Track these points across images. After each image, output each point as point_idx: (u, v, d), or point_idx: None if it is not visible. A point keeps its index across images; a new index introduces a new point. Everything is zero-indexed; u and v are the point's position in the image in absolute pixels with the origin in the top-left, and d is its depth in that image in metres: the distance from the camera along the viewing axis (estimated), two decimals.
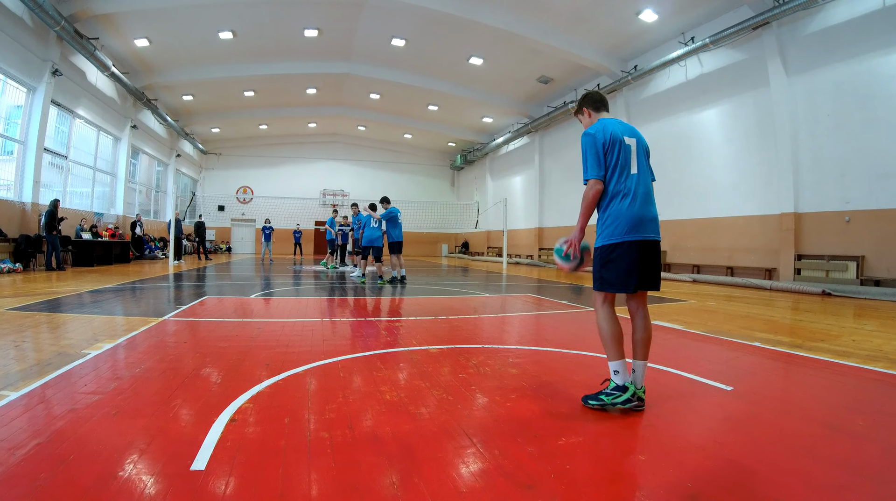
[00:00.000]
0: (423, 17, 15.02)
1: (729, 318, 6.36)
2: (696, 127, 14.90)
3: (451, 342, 4.52)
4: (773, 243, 12.42)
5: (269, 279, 11.62)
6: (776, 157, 12.19)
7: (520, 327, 5.80)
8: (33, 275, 10.65)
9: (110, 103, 16.55)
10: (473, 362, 3.74)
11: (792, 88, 11.91)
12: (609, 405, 2.69)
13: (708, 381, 3.34)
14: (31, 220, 12.32)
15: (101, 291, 7.86)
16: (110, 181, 17.33)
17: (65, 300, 6.63)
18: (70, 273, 11.34)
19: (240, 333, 4.66)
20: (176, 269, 13.94)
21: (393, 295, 8.56)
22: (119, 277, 10.66)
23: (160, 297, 7.57)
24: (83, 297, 7.04)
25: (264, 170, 28.73)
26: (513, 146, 25.16)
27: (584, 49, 16.17)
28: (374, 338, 4.63)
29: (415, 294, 8.81)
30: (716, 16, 13.66)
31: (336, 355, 3.83)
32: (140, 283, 9.43)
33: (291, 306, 6.82)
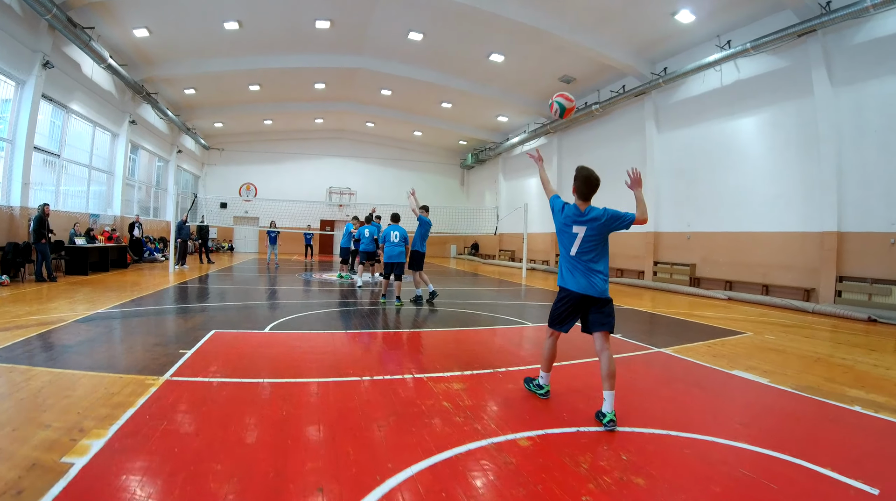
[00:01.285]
0: (444, 11, 13.88)
1: (802, 362, 5.74)
2: (731, 135, 13.83)
3: (547, 423, 3.48)
4: (812, 262, 11.49)
5: (281, 296, 10.54)
6: (819, 171, 11.26)
7: (638, 389, 4.52)
8: (22, 289, 9.56)
9: (107, 97, 15.34)
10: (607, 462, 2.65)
11: (837, 100, 10.96)
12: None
13: (843, 478, 2.72)
14: (20, 226, 11.19)
15: (91, 319, 6.76)
16: (107, 180, 16.15)
17: (46, 340, 5.54)
18: (62, 285, 10.26)
19: (267, 411, 3.59)
20: (177, 277, 12.86)
21: (424, 325, 7.50)
22: (114, 292, 9.57)
23: (160, 331, 6.47)
24: (69, 333, 5.94)
25: (268, 166, 27.53)
26: (528, 146, 24.00)
27: (612, 48, 15.07)
28: (442, 419, 3.55)
29: (448, 323, 7.73)
30: (755, 19, 12.66)
31: (401, 460, 2.73)
32: (137, 304, 8.33)
33: (319, 351, 5.73)
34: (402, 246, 9.18)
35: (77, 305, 7.94)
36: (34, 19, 11.36)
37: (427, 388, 4.33)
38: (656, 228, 16.05)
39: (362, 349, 5.99)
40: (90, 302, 8.22)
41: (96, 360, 4.85)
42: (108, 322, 6.70)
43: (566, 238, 3.86)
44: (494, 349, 6.20)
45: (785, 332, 7.76)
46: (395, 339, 6.68)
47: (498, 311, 9.17)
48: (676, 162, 15.56)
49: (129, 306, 7.98)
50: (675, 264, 15.26)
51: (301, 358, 5.28)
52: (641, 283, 15.73)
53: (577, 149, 20.47)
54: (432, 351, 5.97)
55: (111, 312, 7.44)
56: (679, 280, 14.87)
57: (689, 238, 15.04)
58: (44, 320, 6.61)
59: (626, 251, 17.25)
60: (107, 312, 7.42)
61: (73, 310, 7.44)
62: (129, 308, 7.84)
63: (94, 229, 14.15)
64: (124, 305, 8.11)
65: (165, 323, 6.93)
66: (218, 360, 5.02)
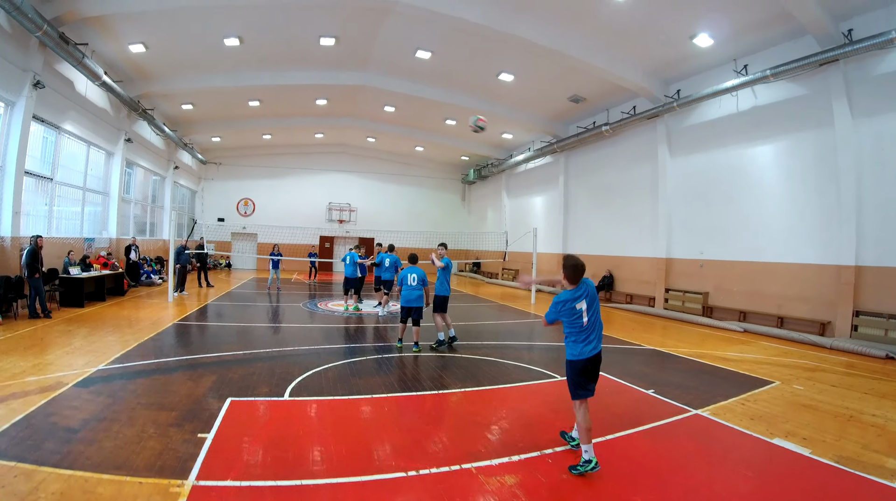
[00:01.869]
0: (455, 29, 13.27)
1: (836, 422, 5.67)
2: (746, 162, 13.43)
3: None
4: (828, 294, 11.19)
5: (291, 339, 9.88)
6: (837, 204, 10.97)
7: None
8: (15, 329, 8.88)
9: (102, 115, 14.60)
10: None
11: (858, 132, 10.66)
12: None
13: None
14: (11, 257, 10.43)
15: (92, 381, 6.09)
16: (102, 201, 15.36)
17: (47, 418, 4.87)
18: (58, 323, 9.56)
19: None
20: (177, 308, 12.15)
21: (453, 383, 6.90)
22: (112, 333, 8.89)
23: (170, 401, 5.74)
24: (72, 405, 5.27)
25: (267, 181, 26.80)
26: (533, 164, 23.55)
27: (626, 69, 14.63)
28: None
29: (477, 379, 7.12)
30: (774, 44, 12.31)
31: None
32: (139, 354, 7.66)
33: (350, 430, 5.09)
34: (420, 289, 8.56)
35: (76, 356, 7.27)
36: (23, 36, 10.68)
37: (479, 485, 3.86)
38: (668, 254, 15.64)
39: (396, 424, 5.38)
40: (90, 352, 7.54)
41: (108, 453, 4.18)
42: (110, 387, 6.03)
43: (576, 316, 4.31)
44: (535, 418, 5.61)
45: (810, 379, 7.63)
46: (428, 407, 6.04)
47: (523, 358, 8.54)
48: (689, 188, 15.14)
49: (130, 359, 7.30)
50: (687, 292, 14.81)
51: (333, 442, 4.66)
52: (653, 311, 15.26)
53: (584, 169, 20.04)
54: (471, 425, 5.33)
55: (112, 369, 6.75)
56: (691, 309, 14.43)
57: (702, 266, 14.61)
58: (41, 382, 5.94)
59: (637, 277, 16.83)
60: (108, 369, 6.74)
61: (72, 365, 6.78)
62: (131, 362, 7.16)
63: (89, 255, 13.37)
64: (126, 356, 7.44)
65: (173, 387, 6.23)
66: (244, 449, 4.39)
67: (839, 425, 5.59)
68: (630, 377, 7.33)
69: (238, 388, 6.23)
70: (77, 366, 6.72)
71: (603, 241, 18.64)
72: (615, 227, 18.10)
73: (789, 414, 5.90)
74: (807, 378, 7.67)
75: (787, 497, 3.89)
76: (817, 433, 5.27)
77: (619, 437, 4.96)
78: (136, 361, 7.25)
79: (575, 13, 12.24)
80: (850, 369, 8.50)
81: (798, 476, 4.28)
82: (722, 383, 7.25)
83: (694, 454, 4.66)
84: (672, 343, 10.36)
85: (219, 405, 5.47)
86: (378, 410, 5.71)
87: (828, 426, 5.54)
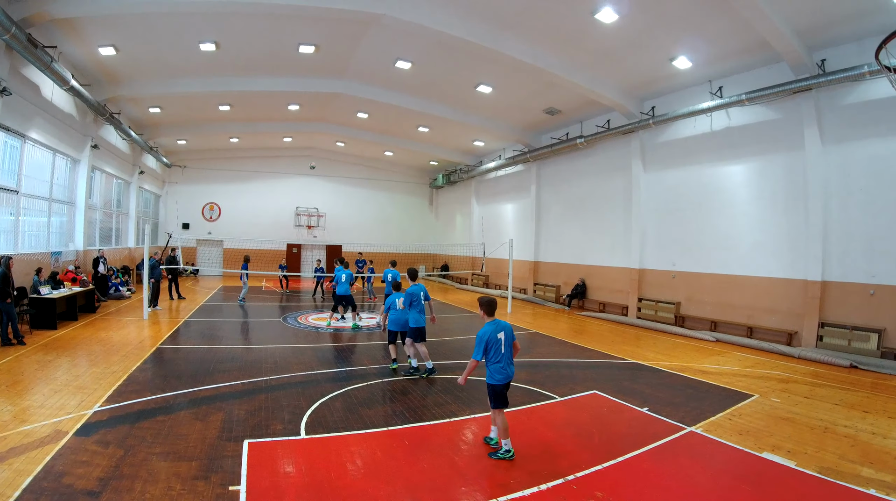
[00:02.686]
0: (437, 42, 13.07)
1: (813, 435, 6.25)
2: (718, 180, 13.97)
3: None
4: (796, 307, 11.85)
5: (283, 361, 9.59)
6: (805, 223, 11.59)
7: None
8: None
9: (68, 121, 13.62)
10: None
11: (826, 157, 11.27)
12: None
13: None
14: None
15: (92, 429, 5.68)
16: (67, 211, 14.33)
17: (59, 491, 4.50)
18: (33, 351, 8.89)
19: None
20: (152, 327, 11.56)
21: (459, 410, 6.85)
22: (96, 363, 8.33)
23: (186, 449, 5.39)
24: (78, 461, 4.88)
25: (233, 184, 25.74)
26: (504, 172, 23.68)
27: (605, 87, 14.95)
28: None
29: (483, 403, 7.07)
30: (749, 69, 12.81)
31: None
32: (134, 390, 7.21)
33: (377, 471, 4.89)
34: (406, 314, 8.42)
35: (64, 395, 6.76)
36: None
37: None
38: (641, 265, 16.11)
39: (422, 459, 5.26)
40: (79, 390, 7.02)
41: None
42: (115, 434, 5.60)
43: (496, 345, 5.32)
44: (550, 443, 5.75)
45: (785, 391, 8.18)
46: (447, 438, 5.93)
47: (521, 378, 8.43)
48: (662, 202, 15.62)
49: (125, 397, 6.83)
50: (659, 302, 15.28)
51: (369, 484, 4.58)
52: (627, 320, 15.65)
53: (557, 179, 20.33)
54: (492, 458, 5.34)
55: (109, 411, 6.28)
56: (664, 318, 14.92)
57: (675, 277, 15.12)
58: (37, 432, 5.47)
59: (610, 285, 17.26)
60: (104, 410, 6.28)
61: (64, 407, 6.29)
62: (127, 400, 6.70)
63: (57, 270, 12.48)
64: (120, 393, 6.95)
65: (181, 429, 5.89)
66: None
67: (816, 437, 6.13)
68: (623, 394, 7.66)
69: (250, 427, 5.99)
70: (70, 408, 6.24)
71: (576, 250, 19.01)
72: (588, 236, 18.49)
73: (772, 428, 6.39)
74: (781, 390, 8.20)
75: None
76: (798, 446, 5.81)
77: (629, 458, 5.28)
78: (132, 398, 6.80)
79: (563, 33, 12.32)
80: (818, 379, 9.06)
81: (788, 488, 4.71)
82: (706, 397, 7.69)
83: (698, 472, 5.05)
84: (653, 356, 10.71)
85: (237, 450, 5.25)
86: (398, 444, 5.63)
87: (807, 438, 6.09)
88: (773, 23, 9.99)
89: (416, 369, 8.51)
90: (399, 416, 6.52)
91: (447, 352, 10.31)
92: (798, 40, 10.79)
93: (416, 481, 4.66)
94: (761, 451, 5.56)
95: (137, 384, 7.40)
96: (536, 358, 10.26)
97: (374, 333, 12.21)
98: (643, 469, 5.08)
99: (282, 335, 11.88)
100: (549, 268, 20.42)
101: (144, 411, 6.38)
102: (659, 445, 5.70)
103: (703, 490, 4.68)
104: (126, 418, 6.11)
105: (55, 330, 10.68)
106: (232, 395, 7.25)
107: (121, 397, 6.79)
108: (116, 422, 5.93)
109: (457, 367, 9.01)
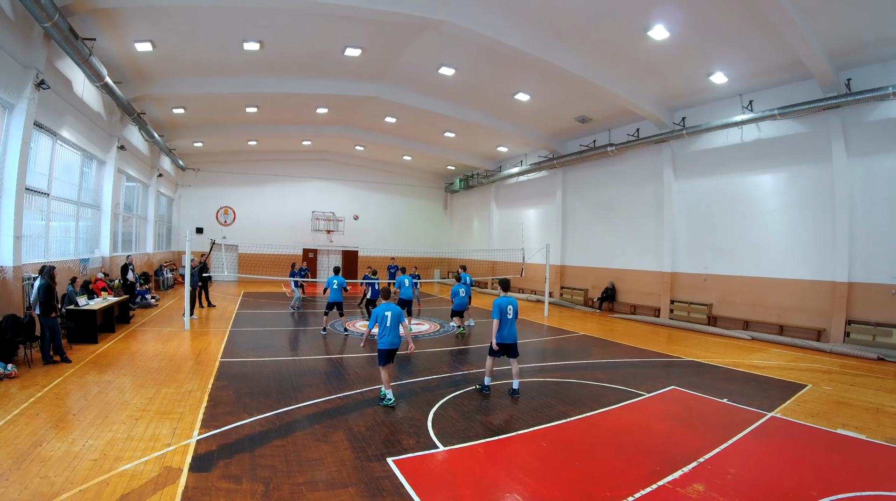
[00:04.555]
0: (487, 50, 12.27)
1: (869, 414, 6.78)
2: (749, 188, 13.88)
3: None
4: (823, 306, 12.07)
5: (366, 374, 8.54)
6: (833, 229, 11.84)
7: None
8: (34, 381, 7.00)
9: (96, 120, 12.21)
10: None
11: (852, 169, 11.58)
12: None
13: None
14: (14, 292, 8.24)
15: (206, 465, 4.60)
16: (92, 215, 12.80)
17: None
18: (84, 370, 7.66)
19: None
20: (203, 339, 10.31)
21: (569, 403, 6.05)
22: (166, 386, 7.14)
23: (332, 475, 4.49)
24: None
25: (247, 188, 24.14)
26: (526, 177, 22.88)
27: (641, 98, 14.55)
28: None
29: (594, 403, 6.39)
30: (778, 84, 12.85)
31: None
32: (222, 411, 6.11)
33: (544, 471, 4.72)
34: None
35: (149, 422, 5.62)
36: (27, 27, 8.53)
37: (685, 496, 4.31)
38: (673, 268, 15.67)
39: (567, 457, 5.14)
40: (162, 415, 5.90)
41: None
42: (238, 466, 4.59)
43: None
44: (666, 434, 5.96)
45: (831, 381, 8.58)
46: (574, 436, 5.63)
47: (601, 378, 8.39)
48: (694, 208, 15.32)
49: (222, 421, 5.73)
50: (692, 303, 14.95)
51: (537, 485, 4.20)
52: (660, 321, 15.32)
53: (583, 184, 19.73)
54: (626, 447, 5.45)
55: (214, 439, 5.20)
56: (696, 318, 14.67)
57: (706, 280, 14.82)
58: (143, 471, 4.38)
59: (641, 288, 16.73)
60: (208, 438, 5.23)
61: (158, 437, 5.19)
62: (227, 425, 5.61)
63: (87, 278, 11.05)
64: (213, 418, 5.84)
65: (310, 453, 4.89)
66: None
67: (872, 416, 6.72)
68: (698, 388, 7.83)
69: (381, 444, 5.28)
70: (165, 438, 5.19)
71: (604, 254, 18.45)
72: (617, 241, 17.95)
73: (835, 410, 6.90)
74: (828, 380, 8.63)
75: (869, 467, 5.02)
76: (862, 423, 6.37)
77: (737, 441, 5.60)
78: (229, 421, 5.75)
79: (613, 46, 11.93)
80: (854, 370, 9.47)
81: (868, 455, 5.39)
82: (769, 388, 8.01)
83: (796, 447, 5.56)
84: (703, 354, 10.77)
85: (385, 470, 4.65)
86: (538, 446, 5.40)
87: (865, 417, 6.65)
88: (810, 45, 10.21)
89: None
90: (518, 421, 6.16)
91: (526, 357, 9.43)
92: (828, 61, 11.04)
93: (577, 476, 4.63)
94: (835, 428, 6.11)
95: (226, 405, 6.35)
96: (602, 359, 10.09)
97: (433, 337, 11.21)
98: (752, 448, 5.43)
99: (342, 343, 10.76)
100: (575, 272, 19.77)
101: (253, 436, 5.39)
102: (754, 428, 6.04)
103: (806, 460, 5.19)
104: (238, 445, 5.11)
105: (95, 344, 9.38)
106: (337, 410, 6.38)
107: (216, 421, 5.74)
108: (231, 451, 4.94)
109: (541, 369, 8.35)
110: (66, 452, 4.69)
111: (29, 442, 4.87)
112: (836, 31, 10.03)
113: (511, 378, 7.28)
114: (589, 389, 7.68)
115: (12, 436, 5.02)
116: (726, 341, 12.55)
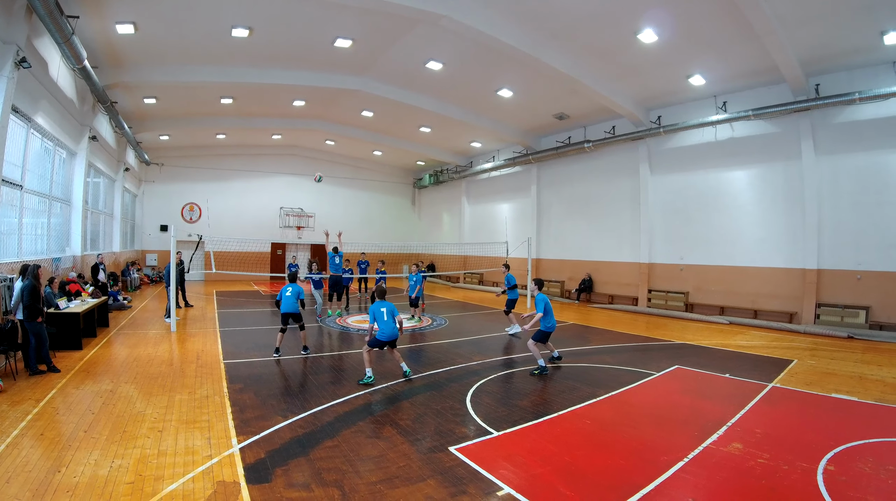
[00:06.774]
0: (479, 45, 12.28)
1: (854, 381, 7.62)
2: (723, 184, 14.78)
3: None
4: (795, 291, 13.04)
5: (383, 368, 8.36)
6: (802, 221, 12.87)
7: None
8: (25, 395, 6.23)
9: (69, 107, 11.18)
10: None
11: (819, 166, 12.61)
12: None
13: None
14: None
15: (262, 474, 4.26)
16: (62, 211, 11.68)
17: None
18: (77, 379, 7.00)
19: None
20: (196, 340, 9.71)
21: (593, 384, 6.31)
22: (178, 392, 6.71)
23: (406, 472, 4.35)
24: None
25: (213, 183, 22.84)
26: (498, 173, 23.10)
27: (621, 97, 15.13)
28: None
29: (616, 383, 6.70)
30: (751, 87, 13.74)
31: None
32: (252, 416, 5.85)
33: (602, 444, 5.02)
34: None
35: (176, 435, 4.99)
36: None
37: (726, 453, 4.72)
38: (650, 259, 16.33)
39: (615, 431, 5.52)
40: (186, 424, 5.32)
41: None
42: (299, 472, 4.29)
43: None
44: (689, 407, 6.42)
45: (815, 356, 9.45)
46: (611, 413, 6.16)
47: (608, 361, 8.79)
48: (670, 202, 16.04)
49: (258, 425, 5.36)
50: (669, 292, 15.67)
51: (609, 456, 4.40)
52: (638, 309, 15.96)
53: (558, 179, 20.20)
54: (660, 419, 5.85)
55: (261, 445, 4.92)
56: (674, 306, 15.43)
57: (682, 270, 15.59)
58: (194, 492, 3.83)
59: (619, 279, 17.33)
60: (253, 444, 4.90)
61: (192, 451, 4.59)
62: (267, 429, 5.26)
63: (61, 279, 10.10)
64: (245, 422, 5.47)
65: (371, 452, 4.73)
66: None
67: (857, 383, 7.50)
68: (699, 367, 8.37)
69: (433, 434, 5.28)
70: (202, 450, 4.64)
71: (580, 247, 18.98)
72: (594, 234, 18.49)
73: (825, 380, 7.65)
74: (811, 356, 9.49)
75: (867, 422, 5.78)
76: (851, 389, 7.14)
77: (752, 407, 6.23)
78: (266, 426, 5.34)
79: (601, 47, 12.30)
80: (830, 347, 10.40)
81: (863, 412, 6.17)
82: (762, 364, 8.68)
83: (803, 409, 6.29)
84: (692, 337, 11.47)
85: (454, 459, 4.63)
86: (583, 424, 5.66)
87: (852, 384, 7.45)
88: (787, 53, 11.04)
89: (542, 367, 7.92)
90: (553, 403, 6.39)
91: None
92: (801, 68, 11.93)
93: (633, 446, 4.96)
94: (830, 393, 6.91)
95: (253, 409, 5.94)
96: (602, 345, 10.47)
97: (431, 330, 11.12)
98: (767, 412, 6.10)
99: (349, 339, 10.44)
100: (551, 265, 20.19)
101: (299, 439, 5.08)
102: (762, 396, 6.70)
103: (815, 418, 5.94)
104: (288, 450, 4.77)
105: (80, 350, 8.60)
106: (373, 406, 6.26)
107: (251, 427, 5.33)
108: (283, 457, 4.60)
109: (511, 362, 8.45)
110: (93, 476, 4.02)
111: (44, 469, 4.14)
112: (812, 42, 10.87)
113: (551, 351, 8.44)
114: (604, 371, 8.01)
115: (21, 463, 4.25)
116: (706, 325, 13.33)
